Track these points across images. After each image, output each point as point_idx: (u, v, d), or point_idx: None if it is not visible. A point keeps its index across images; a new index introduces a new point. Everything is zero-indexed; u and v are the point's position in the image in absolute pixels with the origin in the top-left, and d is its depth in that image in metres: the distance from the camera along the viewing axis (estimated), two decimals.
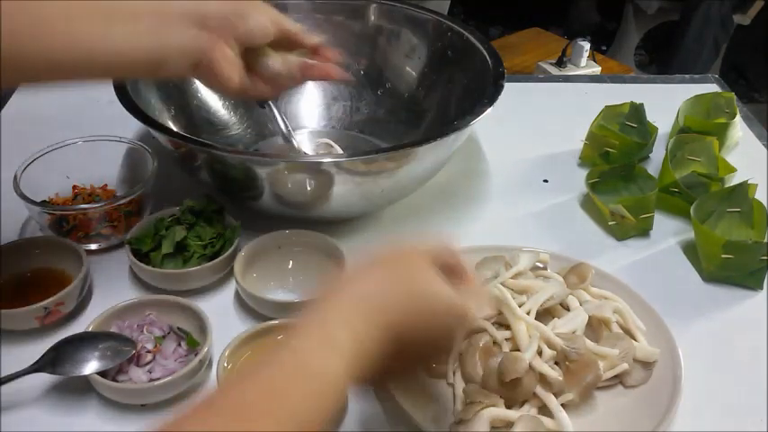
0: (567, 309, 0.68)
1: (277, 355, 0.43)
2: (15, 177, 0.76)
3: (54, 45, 0.53)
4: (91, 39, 0.54)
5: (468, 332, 0.65)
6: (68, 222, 0.77)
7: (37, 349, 0.62)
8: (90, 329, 0.64)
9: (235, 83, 0.63)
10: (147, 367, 0.63)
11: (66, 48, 0.54)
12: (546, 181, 0.94)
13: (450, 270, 0.53)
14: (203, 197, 0.77)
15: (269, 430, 0.38)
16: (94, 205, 0.76)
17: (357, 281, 0.49)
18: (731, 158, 0.93)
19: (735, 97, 1.03)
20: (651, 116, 0.98)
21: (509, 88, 0.81)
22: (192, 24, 0.59)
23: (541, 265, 0.74)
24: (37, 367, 0.61)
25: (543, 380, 0.60)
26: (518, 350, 0.62)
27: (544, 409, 0.59)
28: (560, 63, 2.00)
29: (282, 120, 0.90)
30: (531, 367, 0.59)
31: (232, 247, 0.73)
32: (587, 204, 0.89)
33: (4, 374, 0.60)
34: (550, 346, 0.62)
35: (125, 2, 0.56)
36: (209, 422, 0.38)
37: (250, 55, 0.65)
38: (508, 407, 0.59)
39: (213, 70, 0.61)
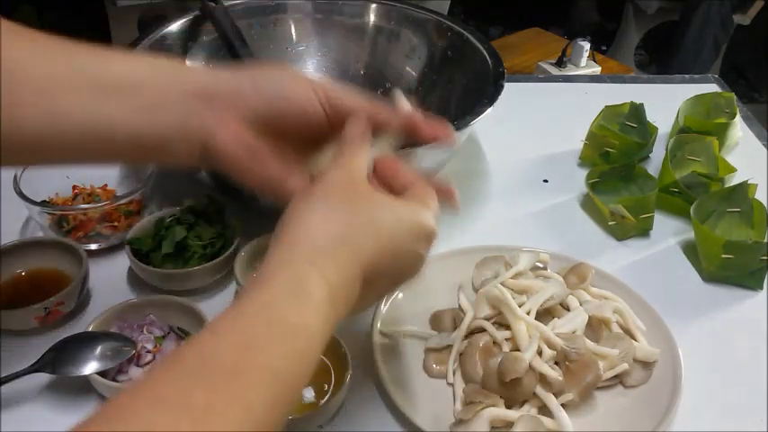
0: (567, 309, 0.68)
1: (244, 309, 0.39)
2: (15, 177, 0.76)
3: (36, 125, 0.45)
4: (81, 116, 0.46)
5: (469, 332, 0.65)
6: (68, 222, 0.77)
7: (37, 349, 0.62)
8: (90, 329, 0.64)
9: (250, 171, 0.51)
10: (147, 367, 0.63)
11: (50, 127, 0.46)
12: (546, 181, 0.94)
13: (391, 176, 0.50)
14: (203, 197, 0.77)
15: (250, 392, 0.35)
16: (94, 205, 0.76)
17: (313, 222, 0.44)
18: (731, 158, 0.93)
19: (735, 97, 1.03)
20: (651, 116, 0.98)
21: (509, 88, 0.81)
22: (196, 99, 0.49)
23: (541, 265, 0.74)
24: (37, 367, 0.61)
25: (543, 380, 0.60)
26: (518, 350, 0.62)
27: (544, 409, 0.59)
28: (560, 63, 2.00)
29: None
30: (531, 367, 0.59)
31: (232, 247, 0.73)
32: (587, 204, 0.89)
33: (4, 374, 0.60)
34: (550, 346, 0.62)
35: (124, 73, 0.48)
36: (180, 382, 0.34)
37: (301, 146, 0.53)
38: (508, 407, 0.59)
39: (219, 155, 0.50)
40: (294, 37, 1.02)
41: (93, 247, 0.77)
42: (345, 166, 0.48)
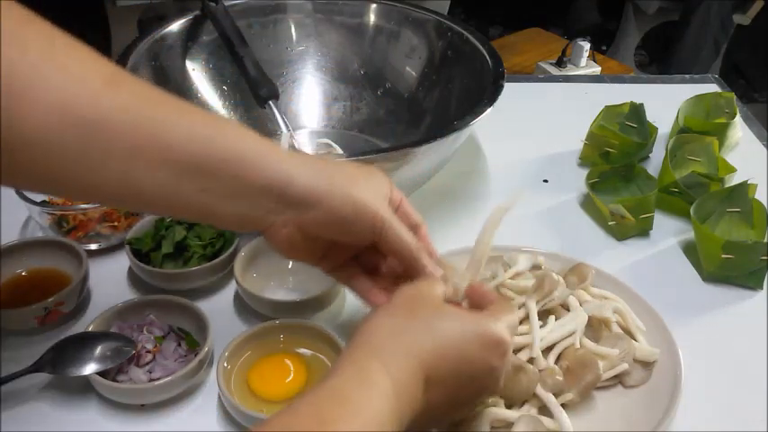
0: (567, 309, 0.68)
1: (316, 392, 0.42)
2: None
3: (106, 181, 0.45)
4: (156, 189, 0.46)
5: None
6: (68, 222, 0.77)
7: (37, 349, 0.62)
8: (90, 329, 0.64)
9: (288, 256, 0.55)
10: (147, 367, 0.63)
11: (123, 186, 0.46)
12: (546, 181, 0.94)
13: (477, 299, 0.52)
14: None
15: None
16: (94, 205, 0.76)
17: (376, 326, 0.47)
18: (731, 158, 0.93)
19: (735, 97, 1.03)
20: (651, 116, 0.98)
21: (509, 88, 0.81)
22: (271, 197, 0.49)
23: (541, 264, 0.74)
24: (37, 367, 0.61)
25: (543, 380, 0.60)
26: (519, 350, 0.62)
27: (544, 409, 0.59)
28: (560, 63, 1.99)
29: (282, 120, 0.90)
30: (531, 365, 0.59)
31: (232, 247, 0.73)
32: (587, 204, 0.89)
33: (4, 374, 0.60)
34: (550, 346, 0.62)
35: (204, 148, 0.47)
36: None
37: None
38: (508, 407, 0.59)
39: (265, 238, 0.53)
40: (294, 37, 1.02)
41: (93, 247, 0.77)
42: (417, 287, 0.51)
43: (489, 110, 0.77)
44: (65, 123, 0.42)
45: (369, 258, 0.57)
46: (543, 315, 0.66)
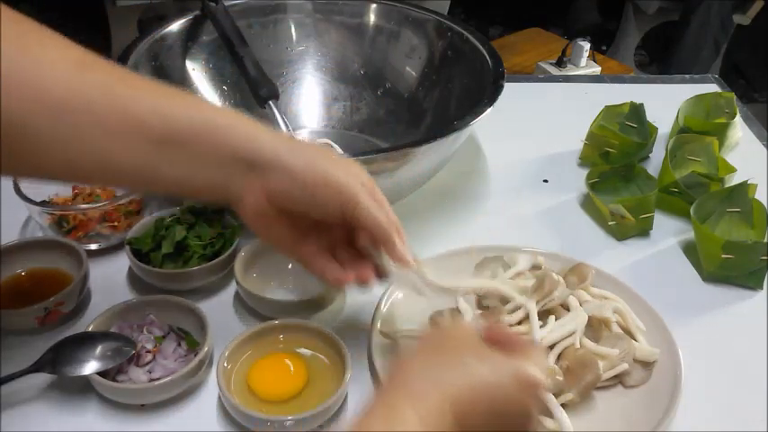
0: (567, 309, 0.67)
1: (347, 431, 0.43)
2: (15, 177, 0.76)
3: (84, 161, 0.48)
4: (127, 160, 0.49)
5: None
6: (68, 222, 0.77)
7: (37, 349, 0.62)
8: (90, 329, 0.64)
9: (263, 234, 0.56)
10: (147, 367, 0.63)
11: (95, 167, 0.48)
12: (546, 181, 0.94)
13: (498, 341, 0.51)
14: None
15: None
16: (94, 205, 0.76)
17: (408, 367, 0.47)
18: (731, 158, 0.93)
19: (735, 97, 1.03)
20: (651, 116, 0.98)
21: (509, 88, 0.81)
22: (239, 164, 0.51)
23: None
24: (37, 367, 0.61)
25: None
26: None
27: (544, 409, 0.59)
28: (560, 63, 1.99)
29: (282, 120, 0.90)
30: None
31: (232, 247, 0.73)
32: (587, 204, 0.89)
33: (4, 374, 0.60)
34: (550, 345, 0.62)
35: (182, 125, 0.50)
36: None
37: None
38: None
39: (239, 213, 0.55)
40: (294, 37, 1.02)
41: (93, 247, 0.77)
42: (451, 326, 0.54)
43: (489, 110, 0.77)
44: (38, 106, 0.44)
45: (343, 251, 0.58)
46: (543, 315, 0.66)
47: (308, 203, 0.53)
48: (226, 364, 0.61)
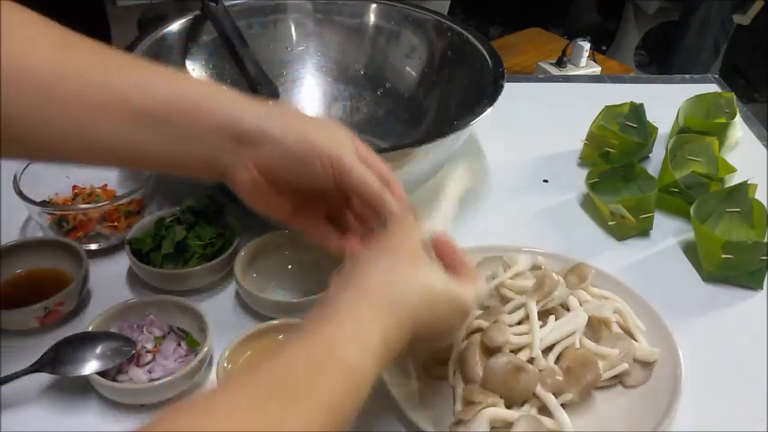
0: (567, 309, 0.67)
1: (312, 339, 0.44)
2: (15, 177, 0.76)
3: (65, 132, 0.48)
4: (110, 137, 0.49)
5: (469, 332, 0.65)
6: (68, 222, 0.77)
7: (37, 349, 0.62)
8: (90, 329, 0.64)
9: (259, 205, 0.56)
10: (147, 367, 0.63)
11: (78, 137, 0.48)
12: (546, 181, 0.94)
13: (444, 255, 0.55)
14: (203, 197, 0.77)
15: (299, 415, 0.39)
16: (94, 205, 0.76)
17: (378, 274, 0.49)
18: (731, 158, 0.93)
19: (735, 97, 1.03)
20: (651, 116, 0.98)
21: (509, 88, 0.81)
22: (226, 137, 0.51)
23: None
24: (37, 367, 0.61)
25: (543, 380, 0.60)
26: (519, 350, 0.62)
27: (544, 409, 0.59)
28: (560, 63, 2.00)
29: None
30: (531, 365, 0.59)
31: (232, 247, 0.73)
32: (587, 204, 0.89)
33: (4, 374, 0.60)
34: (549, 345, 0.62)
35: (162, 100, 0.50)
36: (238, 397, 0.38)
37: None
38: (508, 407, 0.59)
39: (234, 187, 0.54)
40: (294, 37, 1.02)
41: (93, 247, 0.77)
42: (406, 236, 0.54)
43: (489, 110, 0.77)
44: (22, 83, 0.45)
45: (341, 220, 0.60)
46: (543, 315, 0.66)
47: (298, 174, 0.54)
48: (226, 364, 0.61)
